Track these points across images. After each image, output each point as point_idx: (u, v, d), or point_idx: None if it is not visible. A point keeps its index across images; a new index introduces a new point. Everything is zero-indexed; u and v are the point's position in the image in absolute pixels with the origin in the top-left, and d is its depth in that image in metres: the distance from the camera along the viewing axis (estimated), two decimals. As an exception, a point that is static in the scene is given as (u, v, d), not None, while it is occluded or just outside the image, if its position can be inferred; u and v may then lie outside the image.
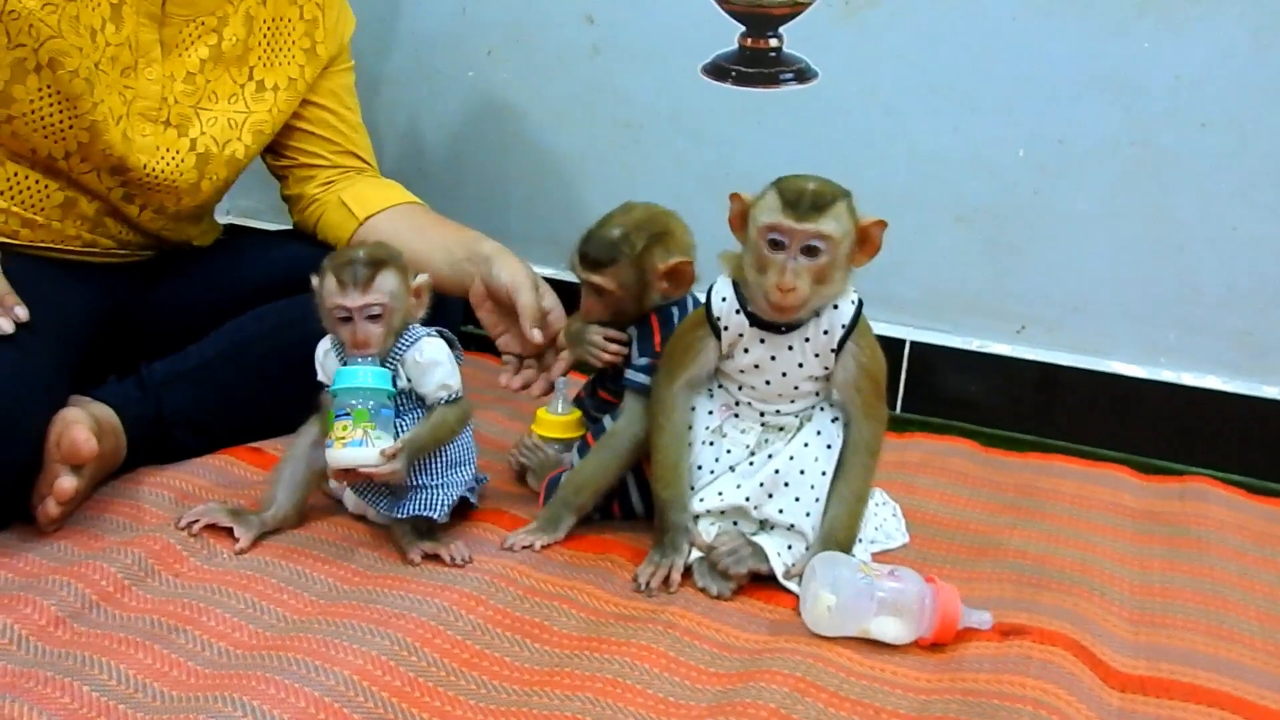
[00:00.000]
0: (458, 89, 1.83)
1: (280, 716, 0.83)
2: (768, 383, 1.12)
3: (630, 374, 1.18)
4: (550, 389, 1.28)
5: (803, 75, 1.62)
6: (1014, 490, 1.38)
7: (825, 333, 1.09)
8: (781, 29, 1.61)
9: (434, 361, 1.12)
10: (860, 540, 1.14)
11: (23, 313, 1.14)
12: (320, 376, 1.15)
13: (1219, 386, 1.51)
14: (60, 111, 1.22)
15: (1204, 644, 1.05)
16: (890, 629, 1.01)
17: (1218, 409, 1.51)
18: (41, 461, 1.10)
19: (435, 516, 1.11)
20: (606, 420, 1.22)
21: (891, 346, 1.63)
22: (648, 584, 1.08)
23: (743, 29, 1.63)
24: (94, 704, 0.86)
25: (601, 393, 1.25)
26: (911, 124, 1.58)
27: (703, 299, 1.14)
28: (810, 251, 1.04)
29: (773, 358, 1.10)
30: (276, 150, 1.47)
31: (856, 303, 1.10)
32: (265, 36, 1.36)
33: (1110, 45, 1.46)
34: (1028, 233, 1.56)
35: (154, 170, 1.29)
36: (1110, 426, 1.55)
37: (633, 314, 1.19)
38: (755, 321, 1.10)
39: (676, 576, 1.09)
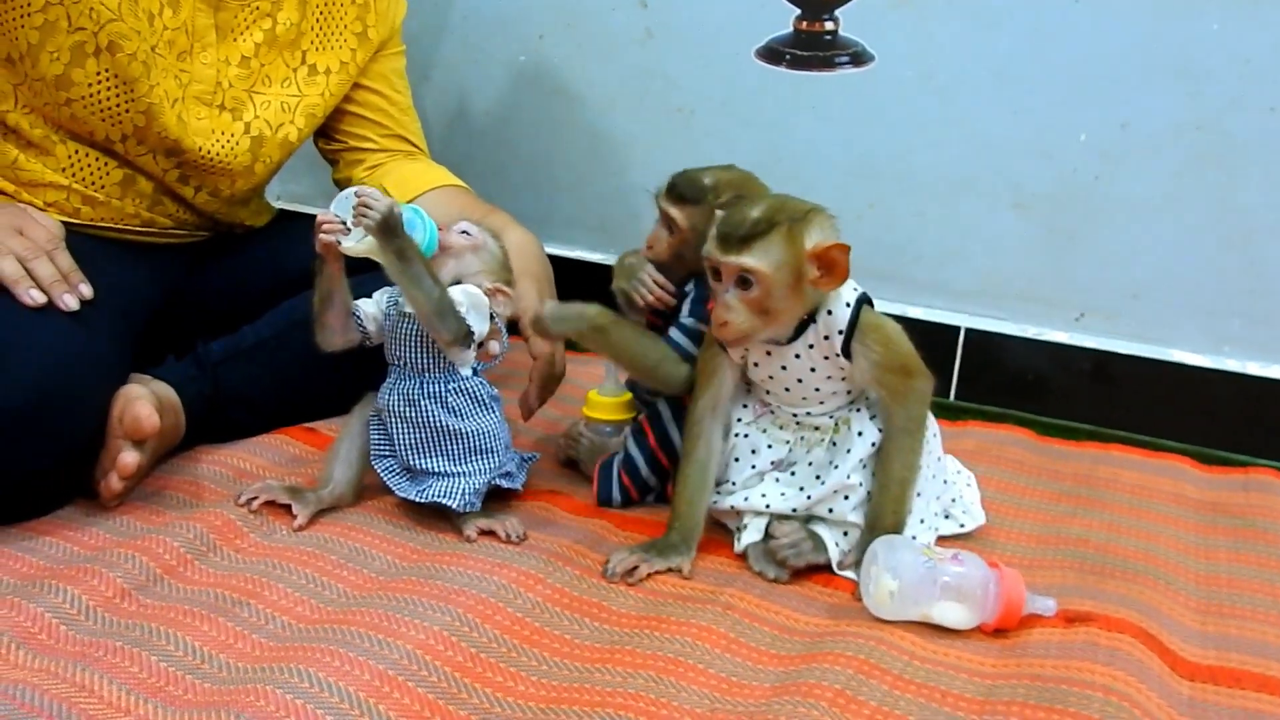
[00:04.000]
0: (509, 73, 1.83)
1: (345, 688, 0.84)
2: (787, 390, 1.11)
3: (674, 333, 1.18)
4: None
5: (858, 59, 1.60)
6: (1072, 479, 1.36)
7: (826, 338, 1.07)
8: (837, 12, 1.60)
9: (464, 290, 1.11)
10: (938, 514, 1.14)
11: (87, 290, 1.16)
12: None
13: (1285, 377, 1.48)
14: (118, 95, 1.23)
15: (1275, 635, 1.03)
16: (953, 614, 1.00)
17: (1282, 400, 1.48)
18: (104, 437, 1.12)
19: (453, 505, 1.11)
20: (660, 405, 1.22)
21: (947, 333, 1.61)
22: (614, 570, 1.06)
23: (798, 12, 1.62)
24: (162, 673, 0.87)
25: None
26: (969, 108, 1.56)
27: None
28: (742, 284, 1.02)
29: (783, 368, 1.09)
30: (328, 134, 1.48)
31: (853, 304, 1.06)
32: (318, 20, 1.37)
33: (1177, 28, 1.43)
34: (1088, 219, 1.53)
35: (209, 153, 1.30)
36: (1171, 416, 1.52)
37: (686, 267, 1.18)
38: None
39: (644, 572, 1.07)
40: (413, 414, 1.12)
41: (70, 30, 1.20)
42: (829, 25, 1.60)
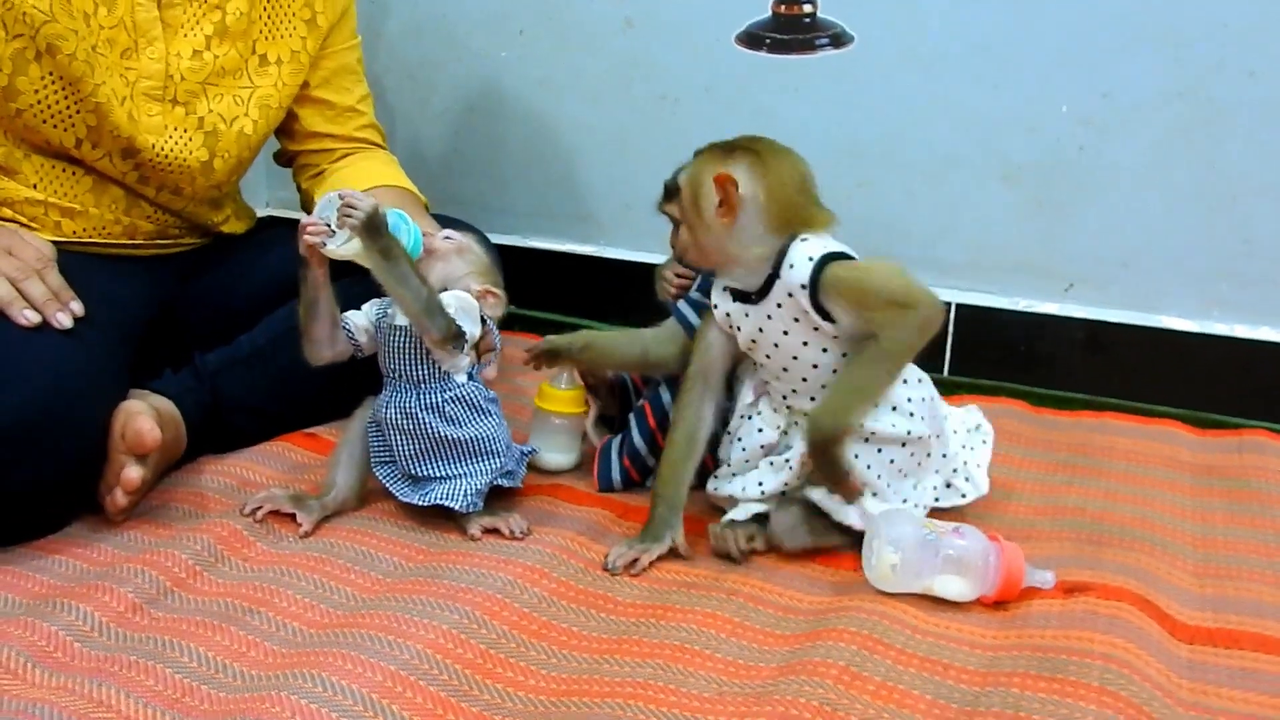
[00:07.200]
0: (491, 69, 1.83)
1: (359, 690, 0.85)
2: (768, 356, 1.12)
3: (680, 302, 1.20)
4: None
5: (839, 40, 1.61)
6: (1068, 449, 1.37)
7: (790, 295, 1.07)
8: (815, -6, 1.60)
9: (454, 294, 1.12)
10: (936, 486, 1.15)
11: (79, 308, 1.16)
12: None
13: (1273, 338, 1.49)
14: (65, 97, 1.24)
15: (1271, 594, 1.05)
16: (954, 587, 1.02)
17: (1272, 360, 1.48)
18: (107, 453, 1.12)
19: (456, 507, 1.12)
20: (661, 388, 1.23)
21: (938, 309, 1.62)
22: (615, 564, 1.08)
23: (776, -5, 1.63)
24: (178, 685, 0.88)
25: None
26: (952, 84, 1.56)
27: None
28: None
29: (760, 329, 1.10)
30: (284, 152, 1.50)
31: (816, 259, 1.05)
32: (266, 9, 1.36)
33: (1155, -7, 1.44)
34: (1074, 190, 1.54)
35: (163, 150, 1.30)
36: (1163, 382, 1.53)
37: None
38: (735, 295, 1.11)
39: (645, 562, 1.08)
40: (410, 426, 1.12)
41: (8, 39, 1.20)
42: (807, 8, 1.61)
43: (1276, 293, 1.48)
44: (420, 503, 1.13)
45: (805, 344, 1.09)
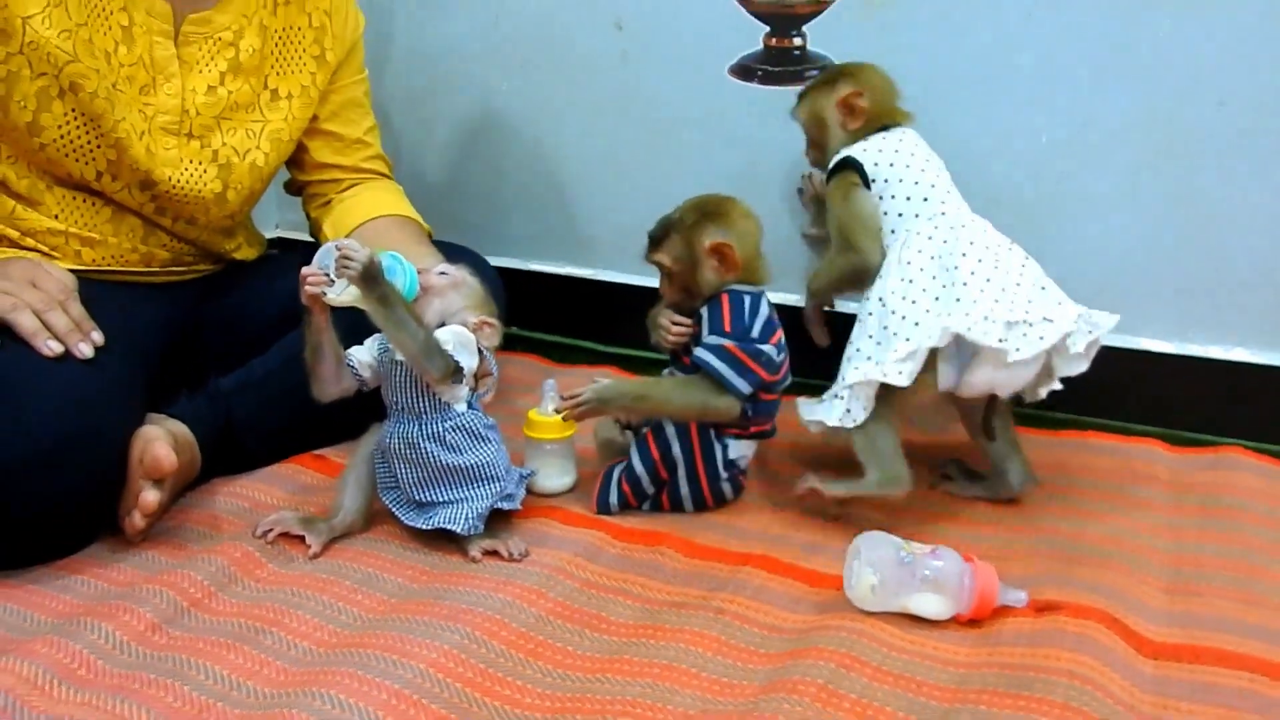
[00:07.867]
0: (493, 99, 1.89)
1: (366, 708, 0.90)
2: None
3: (698, 351, 1.23)
4: None
5: (827, 72, 1.66)
6: (1048, 469, 1.41)
7: None
8: (805, 27, 1.65)
9: (451, 330, 1.18)
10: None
11: (99, 337, 1.21)
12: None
13: (1246, 358, 1.53)
14: (87, 133, 1.29)
15: (1235, 610, 1.09)
16: (930, 605, 1.07)
17: (1247, 380, 1.53)
18: (126, 477, 1.18)
19: (458, 530, 1.16)
20: (665, 421, 1.27)
21: (924, 332, 1.66)
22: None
23: (767, 29, 1.68)
24: (195, 702, 0.93)
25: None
26: (935, 116, 1.60)
27: (767, 290, 1.29)
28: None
29: None
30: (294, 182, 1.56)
31: (839, 158, 1.35)
32: (278, 45, 1.42)
33: (1130, 28, 1.48)
34: (1055, 217, 1.59)
35: (178, 183, 1.36)
36: (1142, 404, 1.58)
37: (698, 294, 1.26)
38: None
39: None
40: (414, 455, 1.18)
41: (33, 77, 1.25)
42: (797, 41, 1.66)
43: (1248, 316, 1.52)
44: (424, 526, 1.19)
45: None
